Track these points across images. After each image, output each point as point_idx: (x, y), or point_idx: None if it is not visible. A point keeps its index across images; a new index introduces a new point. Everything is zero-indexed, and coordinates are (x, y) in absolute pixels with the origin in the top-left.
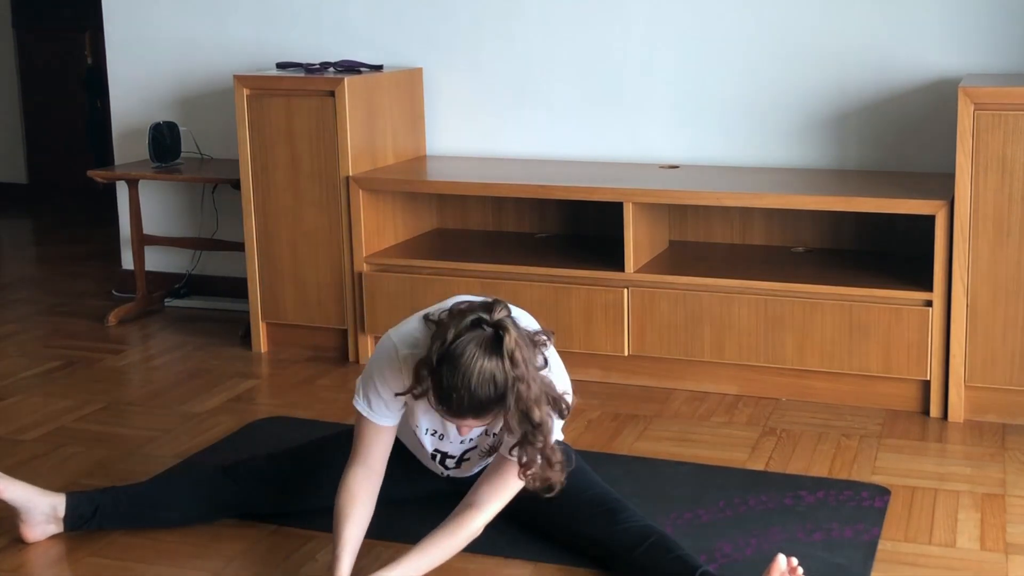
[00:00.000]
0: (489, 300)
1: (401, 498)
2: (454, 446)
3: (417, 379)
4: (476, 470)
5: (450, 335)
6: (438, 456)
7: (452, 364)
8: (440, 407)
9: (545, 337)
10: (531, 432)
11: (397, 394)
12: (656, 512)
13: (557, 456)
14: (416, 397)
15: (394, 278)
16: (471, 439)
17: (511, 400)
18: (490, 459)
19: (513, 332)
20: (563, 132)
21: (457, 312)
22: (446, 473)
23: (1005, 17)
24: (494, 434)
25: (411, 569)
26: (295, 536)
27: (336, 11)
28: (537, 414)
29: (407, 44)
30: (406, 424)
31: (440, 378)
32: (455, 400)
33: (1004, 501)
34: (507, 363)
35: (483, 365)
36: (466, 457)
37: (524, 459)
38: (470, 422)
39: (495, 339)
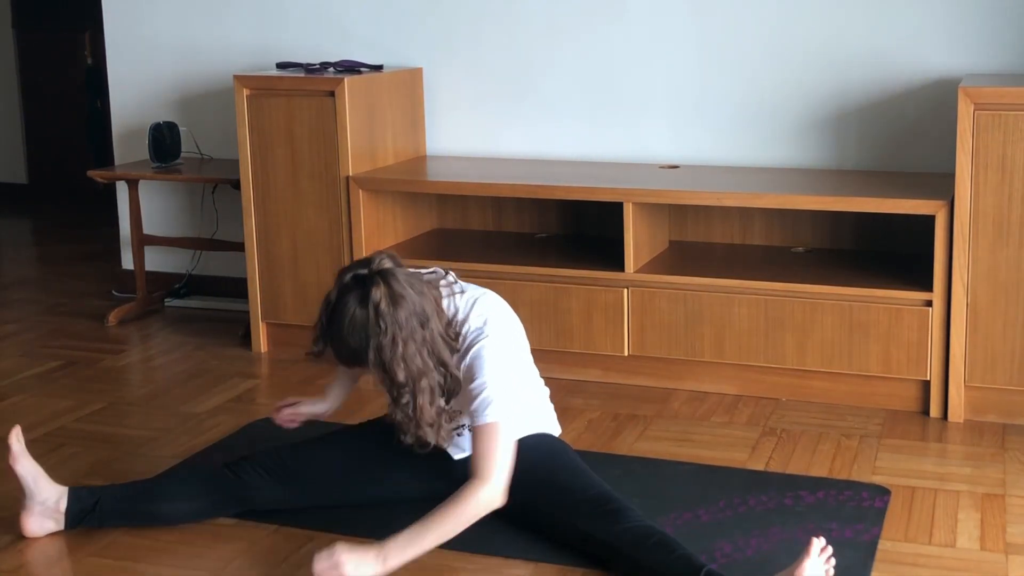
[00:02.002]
0: (372, 255)
1: (401, 498)
2: None
3: (314, 340)
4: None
5: (333, 294)
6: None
7: (333, 315)
8: (336, 358)
9: (447, 285)
10: (394, 388)
11: (307, 353)
12: (656, 512)
13: (427, 417)
14: (317, 354)
15: None
16: None
17: (371, 355)
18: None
19: (384, 286)
20: (563, 132)
21: (340, 271)
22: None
23: (1005, 17)
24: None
25: (411, 541)
26: (295, 536)
27: (336, 11)
28: (401, 374)
29: (407, 44)
30: None
31: (327, 329)
32: (336, 349)
33: (1004, 501)
34: (371, 313)
35: (354, 314)
36: None
37: (390, 413)
38: (358, 369)
39: (365, 289)
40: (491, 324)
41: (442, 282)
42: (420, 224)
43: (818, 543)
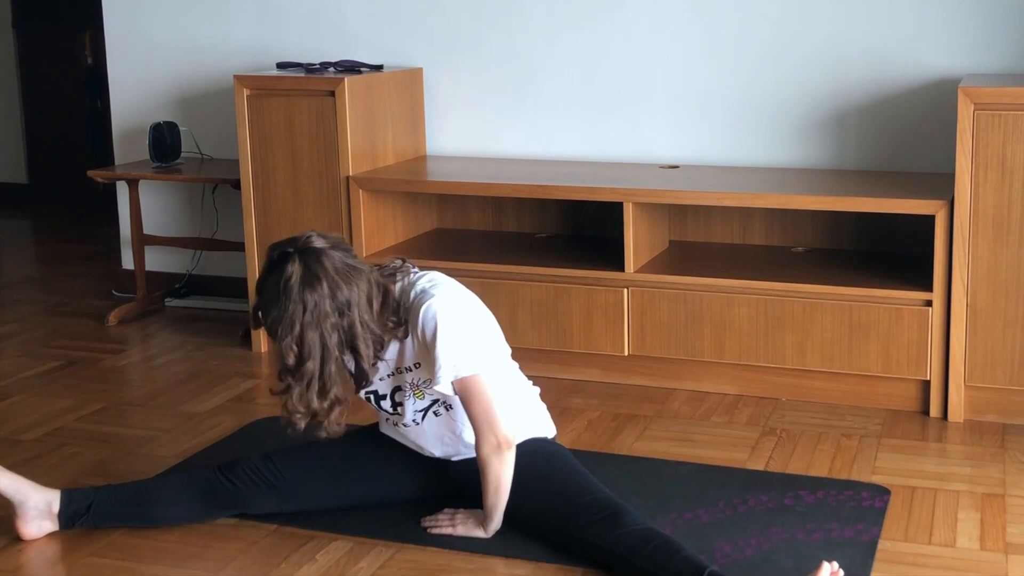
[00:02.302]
0: (305, 233)
1: (402, 498)
2: (377, 384)
3: (252, 315)
4: (411, 418)
5: (263, 270)
6: (373, 400)
7: (258, 290)
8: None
9: (392, 273)
10: (281, 369)
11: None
12: (656, 512)
13: (299, 407)
14: (255, 327)
15: None
16: (388, 374)
17: (268, 326)
18: (423, 401)
19: (299, 265)
20: (563, 132)
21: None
22: (404, 427)
23: (1005, 17)
24: (407, 368)
25: (494, 519)
26: (295, 536)
27: (336, 11)
28: (290, 358)
29: (407, 44)
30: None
31: (256, 305)
32: (256, 311)
33: (1004, 501)
34: (281, 290)
35: (269, 288)
36: (398, 400)
37: (278, 389)
38: (288, 342)
39: (281, 266)
40: (438, 287)
41: (393, 267)
42: (420, 224)
43: (828, 567)
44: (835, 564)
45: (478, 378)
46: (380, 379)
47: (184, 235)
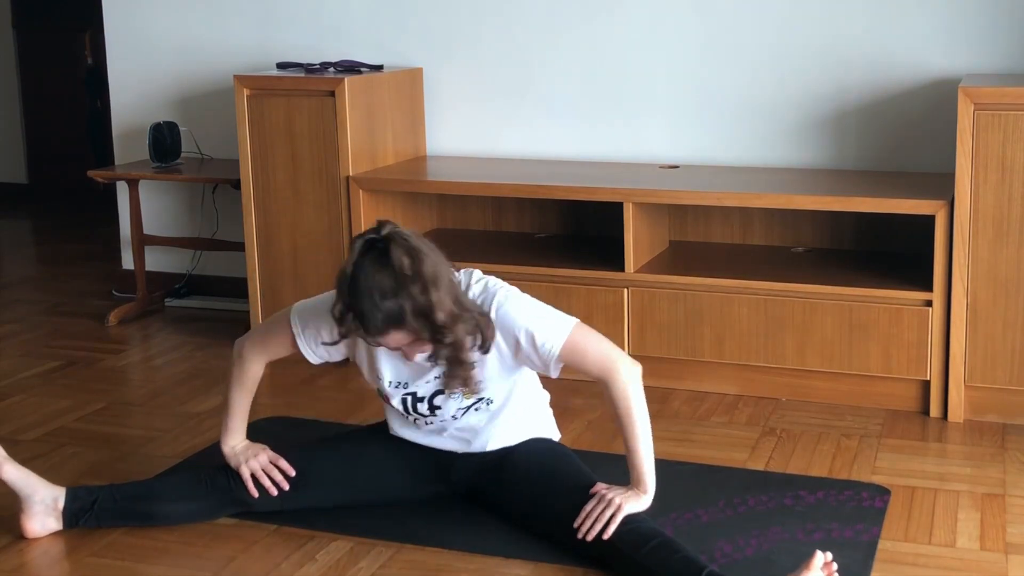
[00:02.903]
0: (377, 222)
1: (401, 497)
2: (420, 386)
3: (339, 319)
4: (451, 415)
5: (348, 265)
6: (409, 402)
7: (355, 288)
8: (364, 335)
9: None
10: (437, 332)
11: (328, 342)
12: (656, 512)
13: (471, 352)
14: (343, 336)
15: None
16: (436, 377)
17: (407, 305)
18: (469, 400)
19: (401, 242)
20: (563, 132)
21: (349, 246)
22: (426, 425)
23: (1005, 17)
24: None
25: (642, 463)
26: (295, 536)
27: (336, 11)
28: (440, 315)
29: (407, 44)
30: (387, 406)
31: (352, 304)
32: (369, 320)
33: (1004, 501)
34: (396, 269)
35: (380, 277)
36: (437, 404)
37: (442, 364)
38: (394, 337)
39: (383, 251)
40: (492, 282)
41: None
42: (420, 224)
43: (821, 557)
44: (828, 554)
45: (577, 328)
46: (426, 381)
47: (184, 235)
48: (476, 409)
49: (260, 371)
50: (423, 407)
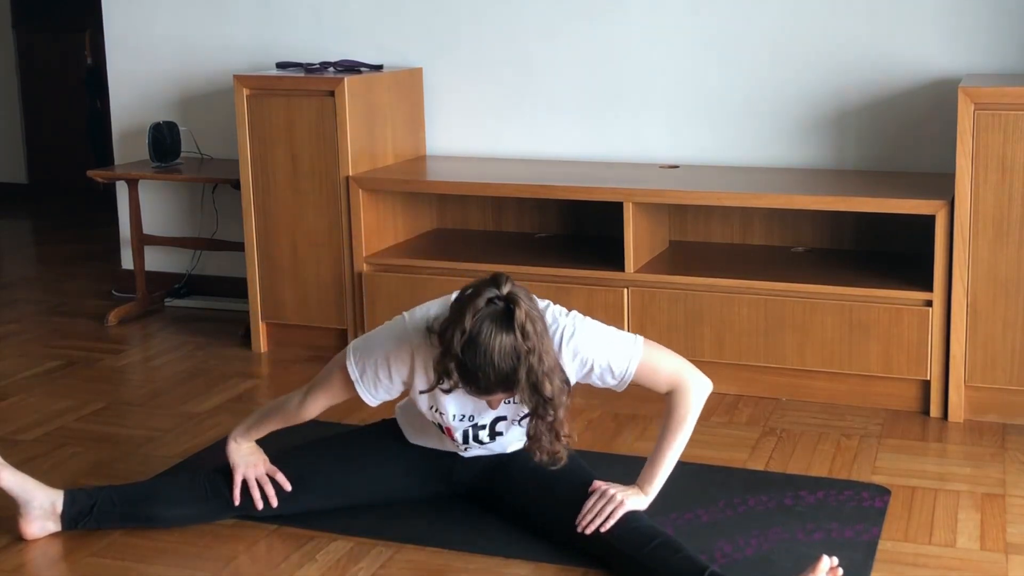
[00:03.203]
0: (491, 276)
1: (402, 499)
2: (485, 416)
3: (445, 372)
4: (508, 436)
5: (467, 321)
6: (470, 433)
7: (473, 345)
8: (469, 388)
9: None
10: (541, 405)
11: (424, 389)
12: (656, 512)
13: (565, 429)
14: (446, 392)
15: (394, 278)
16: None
17: (522, 373)
18: (521, 424)
19: (524, 304)
20: (563, 132)
21: (467, 296)
22: (476, 451)
23: (1005, 17)
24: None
25: (660, 470)
26: (295, 536)
27: (336, 11)
28: (548, 388)
29: (407, 44)
30: (418, 415)
31: (465, 362)
32: (482, 379)
33: (1004, 501)
34: (518, 335)
35: (501, 340)
36: (499, 431)
37: (532, 432)
38: (499, 396)
39: (507, 312)
40: (556, 310)
41: None
42: (420, 224)
43: (827, 561)
44: (835, 559)
45: (646, 348)
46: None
47: (184, 235)
48: (521, 425)
49: (312, 416)
50: (484, 434)
